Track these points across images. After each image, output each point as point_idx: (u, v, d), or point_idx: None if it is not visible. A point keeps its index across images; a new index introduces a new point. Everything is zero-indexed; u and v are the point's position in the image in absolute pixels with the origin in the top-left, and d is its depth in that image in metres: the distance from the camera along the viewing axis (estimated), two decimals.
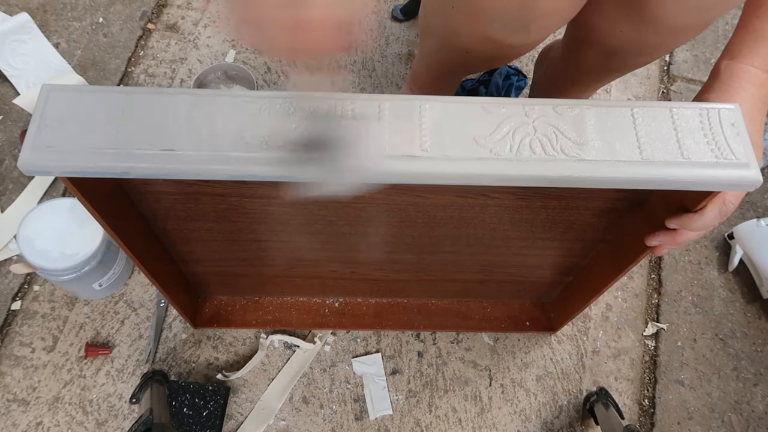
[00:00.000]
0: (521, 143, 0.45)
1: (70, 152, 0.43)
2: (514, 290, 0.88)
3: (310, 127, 0.44)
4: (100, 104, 0.44)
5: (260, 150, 0.43)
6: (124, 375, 0.86)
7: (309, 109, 0.44)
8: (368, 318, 0.90)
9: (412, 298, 0.92)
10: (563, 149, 0.45)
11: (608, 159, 0.45)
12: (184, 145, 0.43)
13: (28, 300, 0.91)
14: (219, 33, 1.16)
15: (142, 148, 0.43)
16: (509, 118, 0.46)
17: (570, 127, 0.46)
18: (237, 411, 0.85)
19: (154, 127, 0.44)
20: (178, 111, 0.44)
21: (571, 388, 0.89)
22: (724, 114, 0.47)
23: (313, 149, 0.43)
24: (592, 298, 0.75)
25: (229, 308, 0.90)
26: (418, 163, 0.44)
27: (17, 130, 1.04)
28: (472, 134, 0.45)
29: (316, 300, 0.91)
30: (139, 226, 0.65)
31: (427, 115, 0.45)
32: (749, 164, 0.45)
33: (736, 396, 0.89)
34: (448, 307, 0.92)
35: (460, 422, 0.86)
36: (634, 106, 0.47)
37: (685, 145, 0.45)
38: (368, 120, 0.45)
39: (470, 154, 0.44)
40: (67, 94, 0.45)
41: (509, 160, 0.44)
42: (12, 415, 0.83)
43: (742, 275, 0.98)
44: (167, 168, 0.43)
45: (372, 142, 0.44)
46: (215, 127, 0.44)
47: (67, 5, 1.18)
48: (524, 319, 0.92)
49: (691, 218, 0.53)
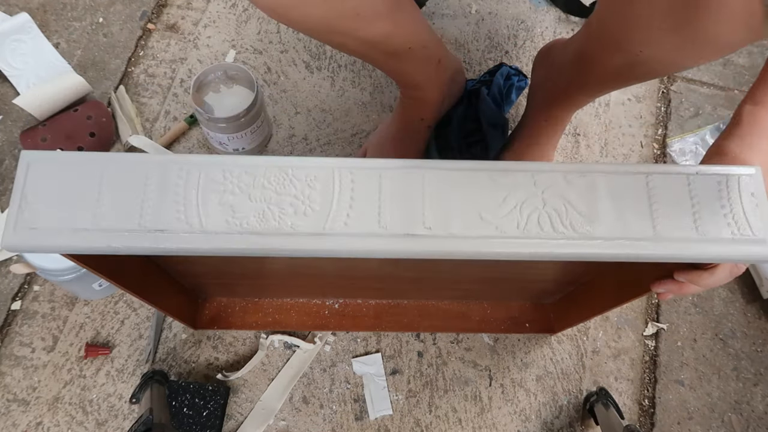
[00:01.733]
0: (529, 219, 0.43)
1: (54, 233, 0.41)
2: (514, 293, 0.88)
3: None
4: (85, 175, 0.42)
5: (256, 230, 0.42)
6: (124, 375, 0.86)
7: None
8: (368, 319, 0.90)
9: (412, 299, 0.92)
10: (573, 225, 0.43)
11: (619, 236, 0.43)
12: (175, 225, 0.41)
13: (28, 300, 0.91)
14: (219, 33, 1.16)
15: (131, 228, 0.41)
16: (516, 188, 0.44)
17: (580, 198, 0.44)
18: (237, 411, 0.85)
19: (143, 205, 0.42)
20: (167, 187, 0.42)
21: (571, 388, 0.89)
22: (744, 182, 0.45)
23: None
24: (591, 315, 0.75)
25: (229, 310, 0.90)
26: (421, 242, 0.42)
27: (17, 130, 1.04)
28: (477, 209, 0.43)
29: (316, 301, 0.91)
30: (133, 260, 0.63)
31: (429, 188, 0.43)
32: (766, 240, 0.43)
33: (736, 396, 0.89)
34: (448, 309, 0.92)
35: (460, 422, 0.86)
36: (649, 173, 0.45)
37: (701, 220, 0.43)
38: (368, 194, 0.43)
39: (476, 231, 0.42)
40: (48, 165, 0.43)
41: (517, 238, 0.42)
42: (12, 415, 0.83)
43: (742, 275, 0.98)
44: (158, 248, 0.41)
45: (371, 221, 0.42)
46: (207, 205, 0.42)
47: (67, 5, 1.17)
48: (524, 320, 0.92)
49: (701, 276, 0.51)
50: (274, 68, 1.12)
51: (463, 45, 1.17)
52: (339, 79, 1.12)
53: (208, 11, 1.19)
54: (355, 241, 0.42)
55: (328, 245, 0.42)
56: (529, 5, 1.22)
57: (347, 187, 0.43)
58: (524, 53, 1.16)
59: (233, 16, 1.18)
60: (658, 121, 1.12)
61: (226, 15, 1.18)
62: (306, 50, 1.15)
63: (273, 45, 1.15)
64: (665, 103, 1.15)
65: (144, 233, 0.41)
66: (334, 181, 0.43)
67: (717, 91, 1.16)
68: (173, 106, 1.08)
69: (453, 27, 1.19)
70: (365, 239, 0.42)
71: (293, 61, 1.13)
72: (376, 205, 0.43)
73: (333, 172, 0.43)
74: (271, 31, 1.17)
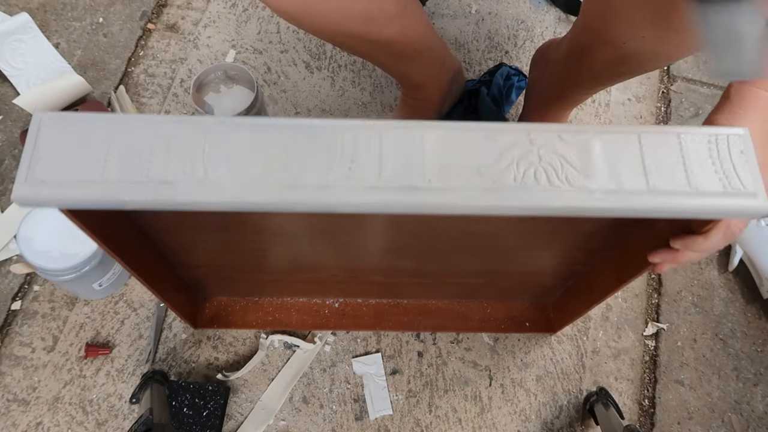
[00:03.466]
0: (525, 174, 0.44)
1: (63, 186, 0.42)
2: (514, 292, 0.88)
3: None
4: (95, 133, 0.43)
5: (260, 182, 0.43)
6: (124, 375, 0.86)
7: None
8: (368, 319, 0.90)
9: (412, 299, 0.92)
10: (568, 179, 0.44)
11: (614, 189, 0.44)
12: (181, 176, 0.42)
13: (28, 300, 0.91)
14: (219, 33, 1.16)
15: (138, 180, 0.42)
16: (513, 145, 0.45)
17: (575, 155, 0.45)
18: (237, 411, 0.85)
19: (152, 158, 0.43)
20: (174, 142, 0.43)
21: (571, 388, 0.89)
22: (733, 140, 0.46)
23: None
24: (592, 304, 0.75)
25: (229, 309, 0.90)
26: (421, 195, 0.43)
27: (17, 130, 1.04)
28: (475, 164, 0.44)
29: (316, 301, 0.91)
30: (136, 239, 0.64)
31: (428, 145, 0.45)
32: (757, 193, 0.44)
33: (736, 396, 0.89)
34: (448, 308, 0.92)
35: (460, 422, 0.86)
36: (641, 132, 0.46)
37: (692, 174, 0.45)
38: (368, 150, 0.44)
39: (474, 184, 0.43)
40: (59, 123, 0.44)
41: (513, 191, 0.43)
42: (12, 415, 0.83)
43: (742, 275, 0.98)
44: (165, 200, 0.42)
45: (372, 174, 0.43)
46: (213, 158, 0.43)
47: (67, 5, 1.18)
48: (524, 319, 0.92)
49: (696, 240, 0.52)
50: (274, 68, 1.12)
51: (463, 45, 1.17)
52: (339, 79, 1.12)
53: (208, 11, 1.19)
54: (356, 194, 0.43)
55: (330, 198, 0.43)
56: (529, 5, 1.22)
57: (349, 144, 0.44)
58: (524, 53, 1.16)
59: (233, 16, 1.18)
60: (658, 121, 1.12)
61: (226, 15, 1.18)
62: (306, 50, 1.15)
63: (273, 45, 1.15)
64: (665, 103, 1.15)
65: (151, 184, 0.42)
66: (336, 138, 0.44)
67: (717, 90, 1.16)
68: (173, 106, 1.08)
69: (453, 27, 1.19)
70: (366, 192, 0.43)
71: (293, 61, 1.13)
72: (377, 160, 0.44)
73: (335, 131, 0.44)
74: (271, 31, 1.17)
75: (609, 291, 0.69)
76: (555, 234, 0.67)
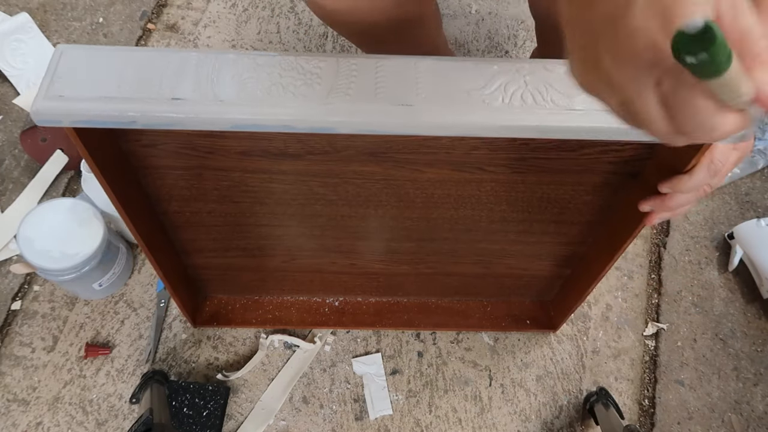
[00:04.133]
0: (513, 95, 0.47)
1: (79, 100, 0.45)
2: (513, 286, 0.88)
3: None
4: (113, 60, 0.47)
5: (265, 100, 0.46)
6: (124, 375, 0.86)
7: None
8: (368, 317, 0.90)
9: (412, 296, 0.92)
10: (553, 100, 0.47)
11: (598, 108, 0.46)
12: (190, 94, 0.46)
13: (28, 300, 0.91)
14: (219, 33, 1.16)
15: (150, 96, 0.45)
16: (501, 73, 0.48)
17: (560, 81, 0.48)
18: (237, 411, 0.85)
19: (164, 79, 0.46)
20: (186, 66, 0.47)
21: (571, 388, 0.89)
22: None
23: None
24: (591, 285, 0.75)
25: (229, 307, 0.90)
26: (414, 111, 0.46)
27: (17, 130, 1.04)
28: (465, 87, 0.47)
29: (316, 299, 0.91)
30: (143, 208, 0.66)
31: (422, 71, 0.48)
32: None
33: (736, 396, 0.89)
34: (448, 306, 0.92)
35: (460, 422, 0.86)
36: None
37: None
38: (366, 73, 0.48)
39: (463, 103, 0.47)
40: (80, 50, 0.48)
41: (501, 110, 0.46)
42: (12, 415, 0.83)
43: (742, 275, 0.98)
44: (173, 116, 0.45)
45: (369, 93, 0.47)
46: (221, 80, 0.46)
47: (67, 5, 1.18)
48: (524, 317, 0.92)
49: (681, 179, 0.54)
50: None
51: (463, 45, 1.17)
52: None
53: (208, 11, 1.19)
54: (354, 109, 0.46)
55: (329, 115, 0.46)
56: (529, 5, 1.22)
57: (348, 70, 0.48)
58: (524, 53, 1.16)
59: (233, 16, 1.18)
60: None
61: (226, 15, 1.18)
62: (306, 50, 1.15)
63: (273, 45, 1.15)
64: None
65: (163, 101, 0.45)
66: (338, 66, 0.48)
67: None
68: None
69: (453, 27, 1.19)
70: (364, 106, 0.46)
71: None
72: (373, 82, 0.47)
73: (337, 61, 0.48)
74: (271, 31, 1.17)
75: (606, 262, 0.70)
76: (546, 203, 0.67)
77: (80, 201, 0.84)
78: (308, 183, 0.65)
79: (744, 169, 1.04)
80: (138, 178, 0.63)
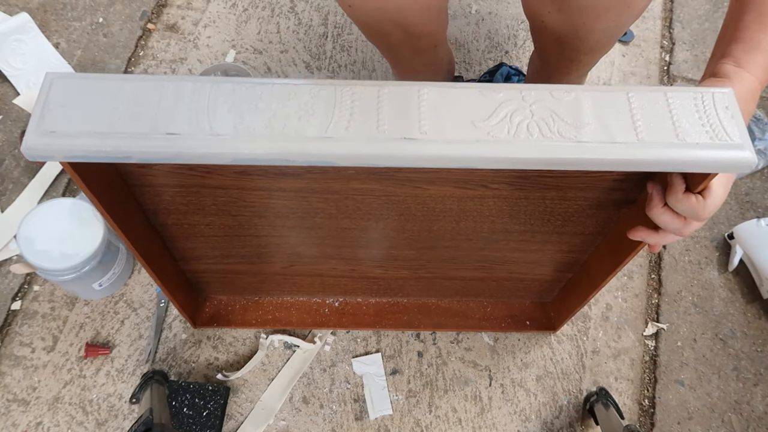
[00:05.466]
0: (519, 126, 0.45)
1: (72, 136, 0.43)
2: (513, 288, 0.88)
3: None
4: (104, 91, 0.45)
5: (263, 134, 0.44)
6: (124, 375, 0.86)
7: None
8: (368, 317, 0.90)
9: (412, 297, 0.92)
10: (560, 132, 0.45)
11: (605, 141, 0.45)
12: (186, 129, 0.44)
13: (28, 300, 0.91)
14: (219, 33, 1.16)
15: (144, 131, 0.44)
16: (506, 102, 0.47)
17: (567, 110, 0.46)
18: (237, 411, 0.85)
19: (157, 113, 0.45)
20: (181, 98, 0.45)
21: (571, 388, 0.89)
22: (718, 97, 0.47)
23: None
24: (591, 293, 0.75)
25: (229, 308, 0.90)
26: (417, 146, 0.44)
27: (17, 130, 1.04)
28: (470, 118, 0.46)
29: (316, 300, 0.91)
30: (140, 221, 0.65)
31: (425, 100, 0.46)
32: (743, 145, 0.46)
33: (736, 396, 0.89)
34: (448, 307, 0.92)
35: (460, 422, 0.86)
36: (629, 91, 0.48)
37: (680, 127, 0.46)
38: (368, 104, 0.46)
39: (468, 136, 0.45)
40: (70, 81, 0.46)
41: (507, 143, 0.45)
42: (12, 415, 0.83)
43: (742, 275, 0.98)
44: (169, 152, 0.44)
45: (371, 126, 0.45)
46: (217, 112, 0.45)
47: (67, 5, 1.18)
48: (524, 318, 0.92)
49: (678, 195, 0.53)
50: (274, 68, 1.12)
51: (463, 45, 1.17)
52: (339, 78, 1.12)
53: (208, 11, 1.19)
54: (355, 145, 0.44)
55: (329, 149, 0.44)
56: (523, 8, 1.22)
57: (348, 99, 0.46)
58: (524, 53, 1.16)
59: (233, 16, 1.18)
60: None
61: (226, 15, 1.18)
62: (306, 50, 1.15)
63: (273, 45, 1.15)
64: None
65: (158, 136, 0.44)
66: (336, 95, 0.46)
67: None
68: None
69: (453, 27, 1.19)
70: (365, 143, 0.44)
71: (293, 61, 1.13)
72: (375, 113, 0.45)
73: (335, 88, 0.46)
74: (271, 31, 1.17)
75: (606, 275, 0.70)
76: (549, 216, 0.67)
77: (80, 201, 0.84)
78: (308, 198, 0.64)
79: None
80: (134, 195, 0.62)
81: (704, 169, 0.47)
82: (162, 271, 0.71)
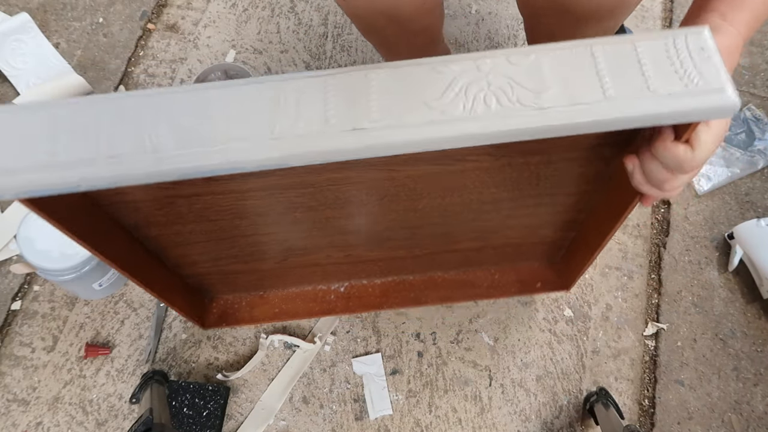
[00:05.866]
0: (475, 100, 0.42)
1: (15, 173, 0.41)
2: (516, 253, 0.85)
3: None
4: (42, 118, 0.43)
5: (207, 144, 0.42)
6: (124, 375, 0.86)
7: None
8: (375, 299, 0.89)
9: (417, 274, 0.90)
10: (520, 100, 0.42)
11: (568, 104, 0.42)
12: (130, 148, 0.42)
13: (28, 300, 0.91)
14: (219, 33, 1.16)
15: (89, 155, 0.41)
16: (460, 74, 0.44)
17: (526, 76, 0.43)
18: (237, 411, 0.85)
19: (100, 134, 0.42)
20: (119, 114, 0.43)
21: (571, 388, 0.89)
22: (692, 39, 0.44)
23: None
24: (596, 249, 0.72)
25: (236, 306, 0.90)
26: (366, 136, 0.42)
27: None
28: (422, 98, 0.42)
29: (321, 287, 0.90)
30: (121, 237, 0.64)
31: (374, 85, 0.43)
32: (722, 88, 0.42)
33: (736, 396, 0.89)
34: (455, 279, 0.89)
35: (460, 422, 0.86)
36: (593, 45, 0.44)
37: (651, 78, 0.43)
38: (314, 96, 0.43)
39: (420, 118, 0.42)
40: (3, 114, 0.43)
41: (462, 120, 0.42)
42: (12, 415, 0.83)
43: (742, 275, 0.98)
44: (118, 174, 0.42)
45: (319, 120, 0.42)
46: (158, 129, 0.42)
47: (67, 5, 1.18)
48: (534, 281, 0.89)
49: (666, 144, 0.51)
50: (274, 68, 1.12)
51: (463, 45, 1.17)
52: None
53: (208, 11, 1.19)
54: (303, 144, 0.42)
55: (277, 152, 0.42)
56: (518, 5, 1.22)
57: (293, 96, 0.43)
58: None
59: (233, 16, 1.18)
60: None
61: (226, 15, 1.18)
62: (306, 50, 1.15)
63: (273, 45, 1.15)
64: None
65: (101, 161, 0.41)
66: (281, 91, 0.43)
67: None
68: None
69: (453, 27, 1.19)
70: (313, 140, 0.42)
71: (293, 61, 1.13)
72: (322, 106, 0.43)
73: (280, 83, 0.44)
74: (271, 31, 1.17)
75: (607, 231, 0.67)
76: (537, 180, 0.65)
77: None
78: (285, 194, 0.63)
79: (744, 169, 1.04)
80: (110, 214, 0.61)
81: (681, 119, 0.43)
82: (153, 281, 0.70)
